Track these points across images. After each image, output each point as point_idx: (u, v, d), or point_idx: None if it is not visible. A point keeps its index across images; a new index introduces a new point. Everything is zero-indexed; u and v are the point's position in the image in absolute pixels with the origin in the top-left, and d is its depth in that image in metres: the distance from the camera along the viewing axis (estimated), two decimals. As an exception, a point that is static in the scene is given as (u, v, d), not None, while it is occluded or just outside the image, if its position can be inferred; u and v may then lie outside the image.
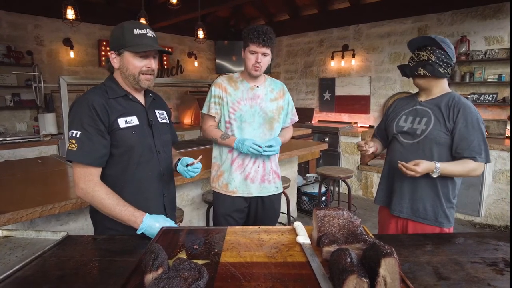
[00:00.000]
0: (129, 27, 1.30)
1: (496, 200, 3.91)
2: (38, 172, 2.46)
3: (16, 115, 4.92)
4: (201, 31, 4.71)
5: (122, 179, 1.34)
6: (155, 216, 1.28)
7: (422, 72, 1.62)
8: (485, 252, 1.14)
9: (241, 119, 1.84)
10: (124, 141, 1.31)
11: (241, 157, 1.86)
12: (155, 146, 1.41)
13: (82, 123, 1.24)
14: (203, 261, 0.98)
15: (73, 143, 1.24)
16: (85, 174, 1.26)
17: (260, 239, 1.14)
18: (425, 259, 1.08)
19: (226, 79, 1.91)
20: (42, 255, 1.11)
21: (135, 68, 1.31)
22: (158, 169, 1.43)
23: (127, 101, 1.36)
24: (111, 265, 1.06)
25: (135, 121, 1.35)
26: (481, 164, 1.56)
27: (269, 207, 1.98)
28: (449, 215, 1.65)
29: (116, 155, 1.32)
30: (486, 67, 4.39)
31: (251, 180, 1.88)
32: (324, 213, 1.08)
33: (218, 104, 1.88)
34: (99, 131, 1.26)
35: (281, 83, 2.01)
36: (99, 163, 1.28)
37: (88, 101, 1.26)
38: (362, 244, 0.98)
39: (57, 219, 2.02)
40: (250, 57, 1.76)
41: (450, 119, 1.59)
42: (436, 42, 1.58)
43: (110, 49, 1.34)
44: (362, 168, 5.03)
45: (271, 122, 1.89)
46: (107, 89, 1.34)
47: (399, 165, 1.53)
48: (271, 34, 1.74)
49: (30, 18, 4.86)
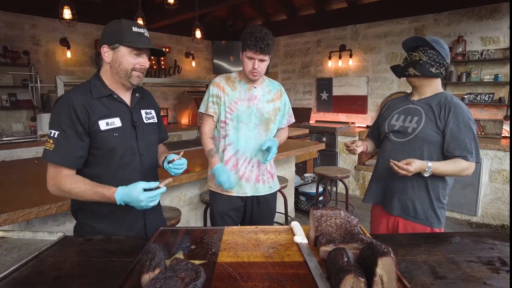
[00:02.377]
0: (128, 24, 1.30)
1: (492, 199, 3.93)
2: (35, 172, 2.44)
3: (12, 115, 4.90)
4: (198, 31, 4.70)
5: (103, 180, 1.31)
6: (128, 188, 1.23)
7: (412, 71, 1.63)
8: (481, 251, 1.15)
9: (237, 119, 1.84)
10: (104, 143, 1.29)
11: (236, 157, 1.86)
12: (138, 148, 1.39)
13: (60, 123, 1.23)
14: (200, 261, 0.98)
15: (50, 142, 1.23)
16: (55, 172, 1.25)
17: (258, 239, 1.14)
18: (421, 258, 1.09)
19: (224, 78, 1.90)
20: (38, 256, 1.10)
21: (129, 64, 1.30)
22: (141, 170, 1.40)
23: (111, 102, 1.34)
24: (108, 266, 1.05)
25: (118, 122, 1.33)
26: (472, 164, 1.57)
27: (264, 207, 1.98)
28: (439, 215, 1.65)
29: (97, 156, 1.31)
30: (483, 67, 4.42)
31: (246, 179, 1.88)
32: (321, 213, 1.08)
33: (216, 103, 1.87)
34: (77, 132, 1.24)
35: (279, 84, 2.01)
36: (74, 165, 1.27)
37: (68, 101, 1.25)
38: (359, 244, 0.98)
39: (53, 219, 2.01)
40: (247, 63, 1.75)
41: (442, 118, 1.59)
42: (427, 42, 1.59)
43: (102, 43, 1.31)
44: (359, 168, 5.04)
45: (267, 123, 1.89)
46: (91, 87, 1.31)
47: (391, 164, 1.53)
48: (269, 40, 1.71)
49: (26, 18, 4.84)
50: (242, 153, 1.86)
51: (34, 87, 2.91)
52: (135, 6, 4.45)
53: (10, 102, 4.78)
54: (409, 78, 1.68)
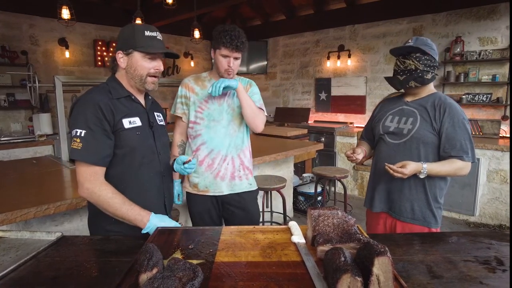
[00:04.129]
0: (140, 29, 1.32)
1: (490, 199, 3.95)
2: (33, 172, 2.44)
3: (10, 115, 4.89)
4: (197, 31, 4.70)
5: (125, 179, 1.33)
6: (161, 216, 1.29)
7: (413, 84, 1.63)
8: (478, 250, 1.15)
9: (209, 118, 1.82)
10: (127, 141, 1.31)
11: (210, 157, 1.82)
12: (156, 147, 1.42)
13: (87, 122, 1.23)
14: (198, 261, 0.98)
15: (77, 142, 1.23)
16: (91, 174, 1.25)
17: (255, 239, 1.14)
18: (418, 258, 1.09)
19: (193, 78, 1.90)
20: (36, 256, 1.10)
21: (144, 69, 1.33)
22: (159, 169, 1.44)
23: (129, 102, 1.37)
24: (106, 266, 1.05)
25: (138, 122, 1.36)
26: (468, 163, 1.58)
27: (243, 209, 1.90)
28: (436, 215, 1.66)
29: (119, 155, 1.32)
30: (481, 68, 4.43)
31: (221, 178, 1.84)
32: (319, 213, 1.09)
33: (185, 104, 1.86)
34: (104, 130, 1.25)
35: (249, 80, 1.98)
36: (104, 163, 1.28)
37: (93, 100, 1.26)
38: (356, 244, 0.99)
39: (52, 219, 2.01)
40: (222, 61, 1.74)
41: (437, 119, 1.60)
42: (419, 49, 1.58)
43: (117, 49, 1.34)
44: (358, 168, 5.05)
45: (240, 117, 1.86)
46: (110, 89, 1.34)
47: (385, 167, 1.53)
48: (244, 38, 1.72)
49: (25, 18, 4.83)
50: (217, 152, 1.82)
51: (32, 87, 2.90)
52: (134, 6, 4.44)
53: (9, 102, 4.77)
54: (407, 89, 1.69)
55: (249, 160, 1.96)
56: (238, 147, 1.87)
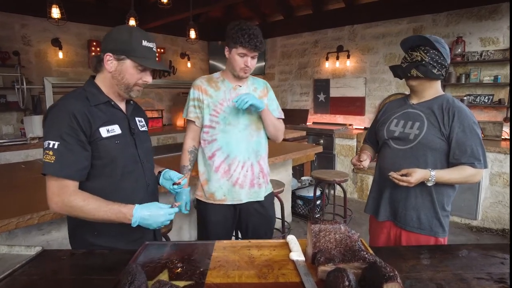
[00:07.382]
0: (138, 36, 1.23)
1: (493, 203, 3.87)
2: (20, 178, 2.34)
3: (2, 117, 4.77)
4: (193, 31, 4.61)
5: (106, 192, 1.22)
6: (147, 205, 1.19)
7: (415, 73, 1.53)
8: (491, 266, 1.07)
9: (225, 122, 1.73)
10: (106, 151, 1.22)
11: (227, 162, 1.75)
12: (139, 156, 1.33)
13: (60, 133, 1.13)
14: (186, 282, 0.90)
15: (50, 154, 1.12)
16: (60, 187, 1.15)
17: (251, 256, 1.05)
18: (427, 275, 1.01)
19: (206, 80, 1.80)
20: (12, 274, 1.02)
21: (133, 79, 1.25)
22: (144, 179, 1.35)
23: (108, 108, 1.27)
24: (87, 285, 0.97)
25: (117, 129, 1.26)
26: (480, 170, 1.48)
27: (262, 214, 1.86)
28: (444, 223, 1.57)
29: (98, 167, 1.22)
30: (482, 68, 4.36)
31: (240, 186, 1.76)
32: (320, 228, 1.00)
33: (198, 107, 1.77)
34: (80, 141, 1.15)
35: (264, 81, 1.93)
36: (79, 176, 1.17)
37: (67, 109, 1.16)
38: (361, 263, 0.90)
39: (38, 228, 1.91)
40: (238, 60, 1.67)
41: (446, 124, 1.50)
42: (430, 42, 1.50)
43: (106, 50, 1.23)
44: (357, 171, 4.97)
45: (257, 122, 1.79)
46: (87, 95, 1.23)
47: (390, 177, 1.45)
48: (262, 37, 1.67)
49: (17, 17, 4.72)
50: (233, 157, 1.74)
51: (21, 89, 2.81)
52: (129, 6, 4.34)
53: (0, 104, 4.66)
54: (410, 81, 1.59)
55: (267, 164, 1.91)
56: (258, 153, 1.80)
